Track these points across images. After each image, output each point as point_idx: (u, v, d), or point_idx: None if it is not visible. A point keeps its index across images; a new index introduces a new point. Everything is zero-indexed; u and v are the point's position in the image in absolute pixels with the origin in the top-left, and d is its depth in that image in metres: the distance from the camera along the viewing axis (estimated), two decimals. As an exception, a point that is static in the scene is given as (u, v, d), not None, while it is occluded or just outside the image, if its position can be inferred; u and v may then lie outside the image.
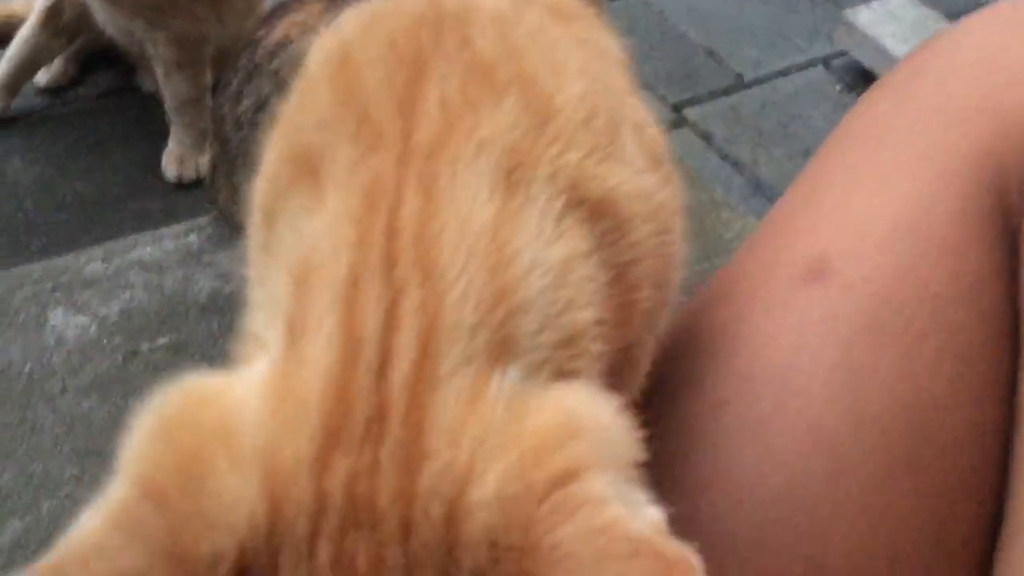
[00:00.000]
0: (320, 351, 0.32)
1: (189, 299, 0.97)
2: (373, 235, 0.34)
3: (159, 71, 1.44)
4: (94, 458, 0.82)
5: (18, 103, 1.56)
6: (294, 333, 0.33)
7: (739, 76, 1.82)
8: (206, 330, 0.93)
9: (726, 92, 1.79)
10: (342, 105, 0.38)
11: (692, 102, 1.76)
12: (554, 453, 0.30)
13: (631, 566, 0.28)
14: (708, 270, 1.15)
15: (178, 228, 1.05)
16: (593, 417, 0.32)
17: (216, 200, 1.04)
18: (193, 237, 1.04)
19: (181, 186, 1.47)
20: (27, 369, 0.88)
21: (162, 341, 0.92)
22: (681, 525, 0.41)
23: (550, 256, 0.35)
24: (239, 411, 0.31)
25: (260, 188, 0.41)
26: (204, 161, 1.40)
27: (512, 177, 0.35)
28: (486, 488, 0.30)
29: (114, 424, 0.93)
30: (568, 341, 0.34)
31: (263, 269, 0.38)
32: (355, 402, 0.31)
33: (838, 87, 1.81)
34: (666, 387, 0.44)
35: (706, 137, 1.71)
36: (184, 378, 0.33)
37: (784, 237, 0.46)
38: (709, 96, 1.78)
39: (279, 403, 0.31)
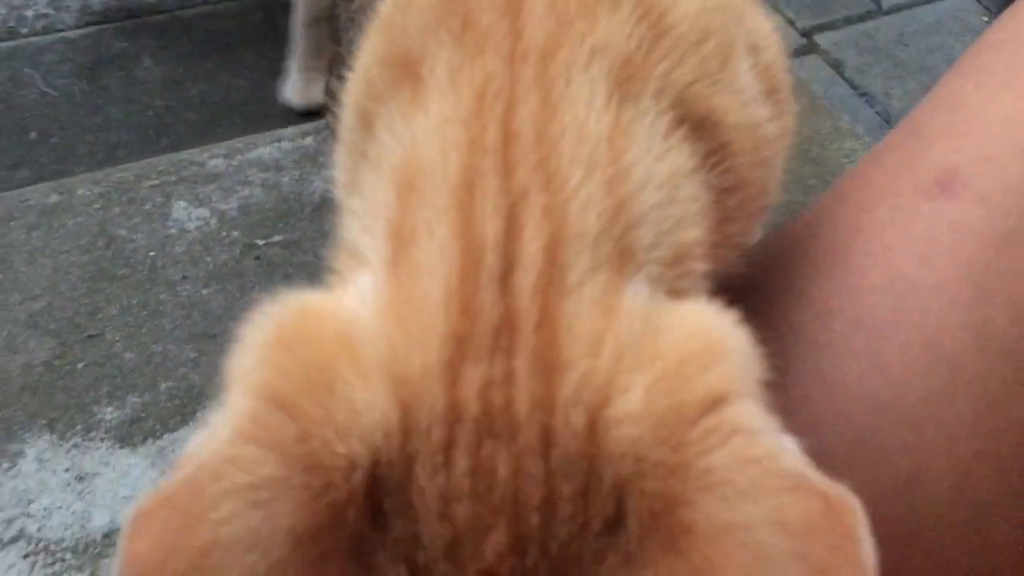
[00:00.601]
0: (435, 259, 0.31)
1: (304, 198, 0.99)
2: (487, 137, 0.32)
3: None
4: (210, 343, 0.86)
5: (150, 2, 1.61)
6: (400, 240, 0.32)
7: (876, 2, 1.73)
8: (318, 229, 0.96)
9: (861, 19, 1.70)
10: (444, 5, 0.36)
11: (824, 28, 1.68)
12: (702, 374, 0.29)
13: (790, 501, 0.27)
14: (826, 201, 1.11)
15: (295, 130, 1.07)
16: (730, 337, 0.31)
17: (335, 99, 1.06)
18: (310, 139, 1.06)
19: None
20: (151, 256, 0.93)
21: (277, 238, 0.95)
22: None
23: (660, 171, 0.34)
24: (357, 322, 0.31)
25: (354, 88, 0.40)
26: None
27: (624, 89, 0.34)
28: (633, 401, 0.29)
29: (230, 313, 0.98)
30: (677, 259, 0.34)
31: (357, 175, 0.37)
32: (480, 310, 0.30)
33: (985, 18, 1.70)
34: (773, 298, 0.43)
35: (836, 65, 1.63)
36: (287, 294, 0.32)
37: (915, 145, 0.44)
38: (843, 22, 1.70)
39: (399, 312, 0.30)
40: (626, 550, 0.28)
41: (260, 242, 0.95)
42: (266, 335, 0.30)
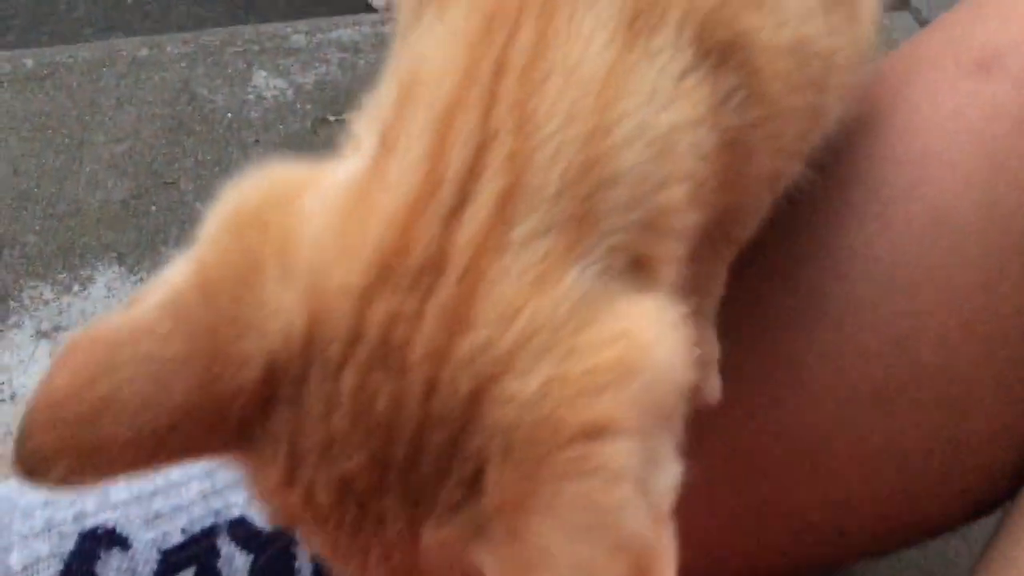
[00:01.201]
0: (399, 179, 0.31)
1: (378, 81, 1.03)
2: (482, 66, 0.32)
3: None
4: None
5: None
6: (386, 145, 0.32)
7: (979, -36, 1.68)
8: (387, 110, 0.99)
9: (960, -20, 1.66)
10: None
11: (920, -16, 1.64)
12: (599, 394, 0.29)
13: (606, 562, 0.28)
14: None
15: (376, 17, 1.11)
16: (652, 350, 0.30)
17: None
18: (389, 27, 1.09)
19: (388, -11, 1.51)
20: (228, 117, 0.98)
21: (347, 115, 0.99)
22: (779, 297, 0.43)
23: (657, 124, 0.31)
24: (305, 221, 0.31)
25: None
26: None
27: (635, 25, 0.32)
28: (524, 390, 0.29)
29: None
30: (653, 222, 0.32)
31: (386, 73, 0.36)
32: (416, 244, 0.30)
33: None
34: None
35: (926, 24, 1.60)
36: (272, 165, 0.33)
37: (961, 27, 0.45)
38: (940, -19, 1.66)
39: (345, 222, 0.31)
40: (482, 516, 0.29)
41: (331, 117, 1.00)
42: (229, 209, 0.32)
